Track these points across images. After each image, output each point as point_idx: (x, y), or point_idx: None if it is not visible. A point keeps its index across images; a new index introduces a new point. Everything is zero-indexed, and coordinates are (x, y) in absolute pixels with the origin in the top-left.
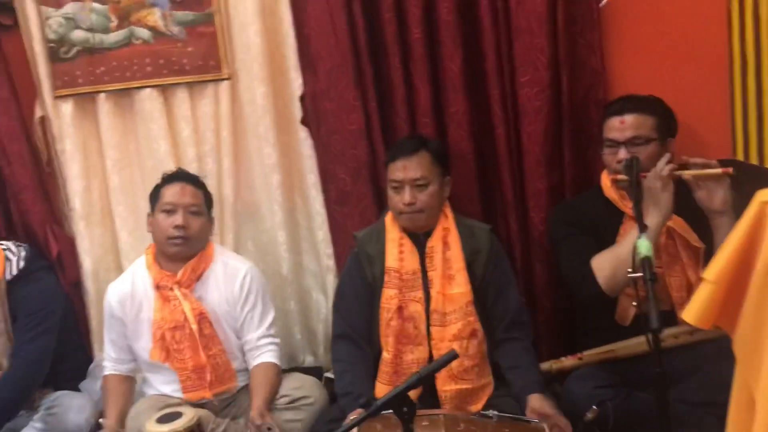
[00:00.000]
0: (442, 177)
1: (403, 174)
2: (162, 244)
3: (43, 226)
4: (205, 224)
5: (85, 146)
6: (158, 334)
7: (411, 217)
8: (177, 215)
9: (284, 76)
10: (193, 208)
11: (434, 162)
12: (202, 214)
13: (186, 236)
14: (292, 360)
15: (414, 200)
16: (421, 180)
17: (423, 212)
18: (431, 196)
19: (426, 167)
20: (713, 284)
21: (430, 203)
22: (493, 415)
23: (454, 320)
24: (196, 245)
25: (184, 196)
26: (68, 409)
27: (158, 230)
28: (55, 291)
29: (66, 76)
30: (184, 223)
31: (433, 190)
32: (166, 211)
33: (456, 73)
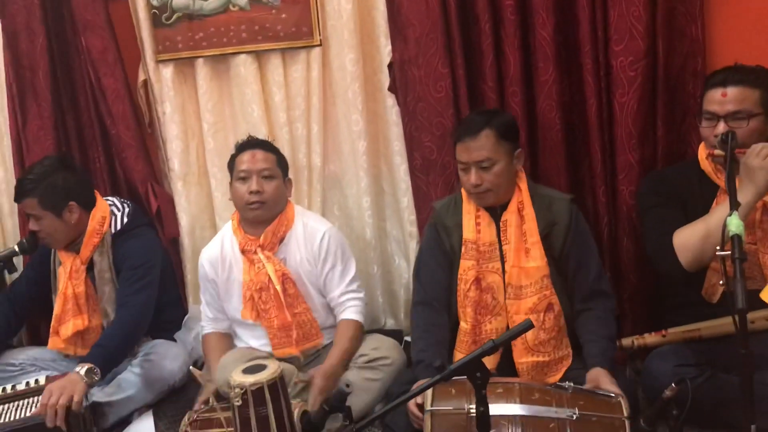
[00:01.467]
0: (510, 153)
1: (468, 156)
2: (242, 210)
3: (145, 183)
4: (280, 186)
5: (183, 109)
6: (247, 295)
7: (479, 197)
8: (251, 181)
9: (374, 43)
10: (266, 173)
11: (500, 139)
12: (276, 177)
13: (262, 200)
14: (374, 322)
15: (480, 181)
16: (486, 162)
17: (491, 191)
18: (498, 176)
19: (490, 147)
20: None
21: (498, 182)
22: (569, 386)
23: (530, 294)
24: (273, 208)
25: (255, 162)
26: (164, 356)
27: (237, 197)
28: (155, 246)
29: (167, 41)
30: (258, 188)
31: (500, 168)
32: (241, 179)
33: (547, 40)
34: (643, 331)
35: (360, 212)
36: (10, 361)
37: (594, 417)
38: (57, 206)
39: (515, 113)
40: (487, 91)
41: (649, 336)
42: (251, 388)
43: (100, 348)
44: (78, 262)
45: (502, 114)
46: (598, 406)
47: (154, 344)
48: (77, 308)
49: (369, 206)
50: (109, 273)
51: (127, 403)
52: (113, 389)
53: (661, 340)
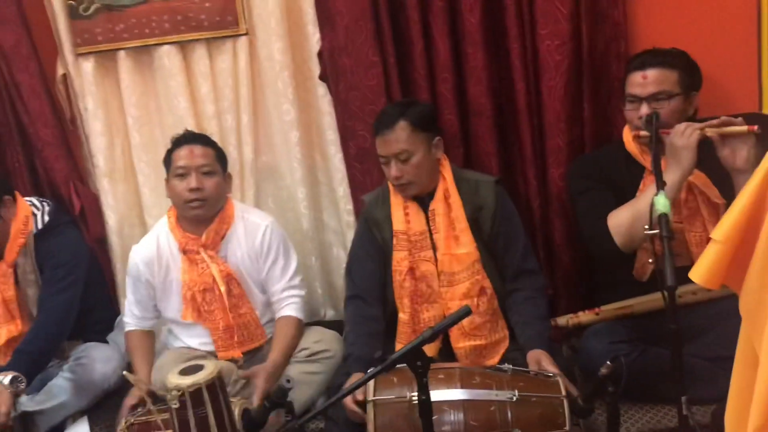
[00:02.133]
0: (428, 142)
1: (386, 149)
2: (181, 208)
3: (67, 182)
4: (220, 183)
5: (106, 104)
6: (188, 296)
7: (402, 189)
8: (190, 178)
9: (302, 32)
10: (205, 168)
11: (415, 130)
12: (216, 173)
13: (202, 198)
14: (314, 314)
15: (400, 174)
16: (403, 154)
17: (413, 183)
18: (417, 167)
19: (405, 139)
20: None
21: (418, 173)
22: (508, 368)
23: (463, 279)
24: (215, 205)
25: (194, 158)
26: (96, 360)
27: (175, 195)
28: (79, 245)
29: (86, 34)
30: (198, 185)
31: (418, 159)
32: (180, 175)
33: (475, 26)
34: (577, 310)
35: (295, 204)
36: None
37: (534, 397)
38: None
39: (446, 99)
40: (418, 78)
41: (583, 314)
42: (189, 390)
43: (21, 354)
44: (4, 266)
45: (417, 104)
46: (537, 386)
47: (85, 347)
48: (9, 314)
49: (304, 197)
50: (33, 274)
51: (59, 410)
52: (43, 397)
53: (595, 318)
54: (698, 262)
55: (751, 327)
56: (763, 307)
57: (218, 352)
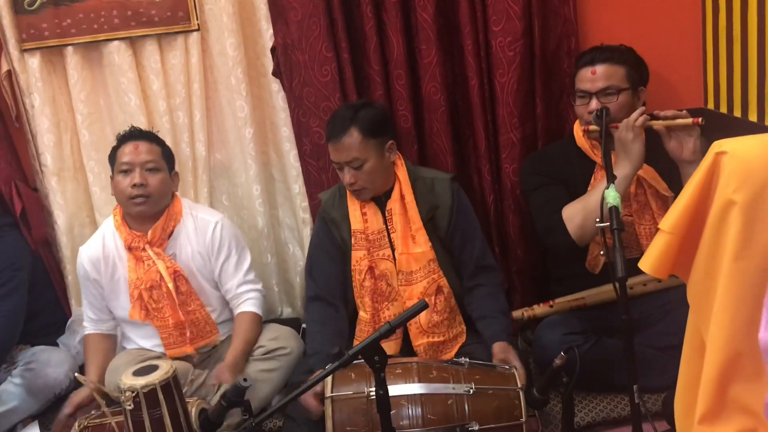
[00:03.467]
0: (380, 148)
1: (337, 156)
2: (125, 205)
3: (8, 183)
4: (165, 179)
5: (54, 101)
6: (135, 294)
7: (357, 194)
8: (134, 174)
9: (254, 27)
10: (150, 165)
11: (366, 137)
12: (161, 170)
13: (146, 194)
14: (271, 312)
15: (354, 180)
16: (355, 162)
17: (366, 188)
18: (370, 173)
19: (357, 147)
20: (669, 234)
21: (371, 179)
22: (465, 362)
23: (420, 278)
24: (159, 202)
25: (138, 154)
26: (47, 364)
27: (119, 191)
28: (20, 248)
29: (32, 29)
30: (142, 181)
31: (371, 166)
32: (123, 171)
33: (429, 23)
34: (531, 303)
35: (250, 201)
36: None
37: (490, 390)
38: None
39: (400, 96)
40: (373, 74)
41: (537, 307)
42: (143, 391)
43: None
44: None
45: (369, 109)
46: (494, 379)
47: (34, 351)
48: None
49: (259, 194)
50: None
51: (9, 415)
52: None
53: (549, 310)
54: (647, 252)
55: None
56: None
57: (167, 350)
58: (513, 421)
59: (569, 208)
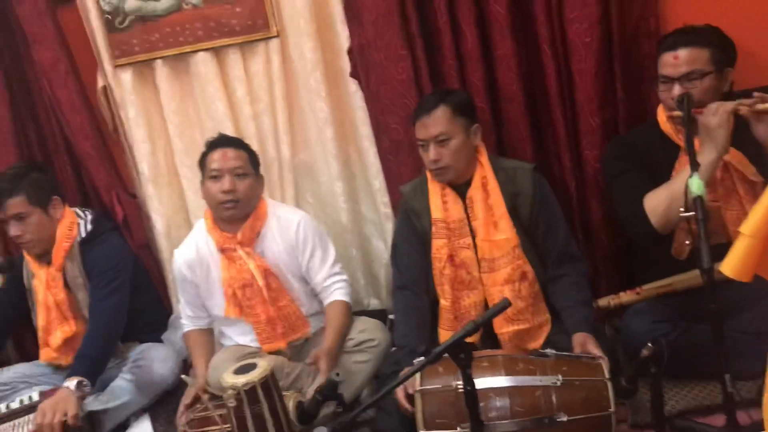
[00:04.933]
0: (466, 128)
1: (425, 132)
2: (216, 210)
3: (109, 191)
4: (253, 184)
5: (147, 112)
6: (229, 292)
7: (439, 173)
8: (224, 180)
9: (331, 29)
10: (238, 171)
11: (455, 115)
12: (249, 175)
13: (235, 199)
14: (357, 304)
15: (439, 157)
16: (442, 136)
17: (450, 167)
18: (456, 151)
19: (445, 122)
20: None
21: (456, 158)
22: (551, 353)
23: (503, 265)
24: (247, 206)
25: (227, 161)
26: (153, 360)
27: (209, 196)
28: (122, 250)
29: (123, 45)
30: (231, 187)
31: (456, 143)
32: (213, 177)
33: (502, 14)
34: (617, 290)
35: (333, 198)
36: (1, 381)
37: (577, 381)
38: (43, 201)
39: (476, 88)
40: (448, 68)
41: (624, 294)
42: (244, 389)
43: (82, 359)
44: (53, 270)
45: (457, 92)
46: (581, 370)
47: (142, 348)
48: (62, 316)
49: (342, 191)
50: (81, 278)
51: (122, 409)
52: (107, 397)
53: (636, 297)
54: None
55: None
56: None
57: (262, 345)
58: (601, 412)
59: (652, 197)
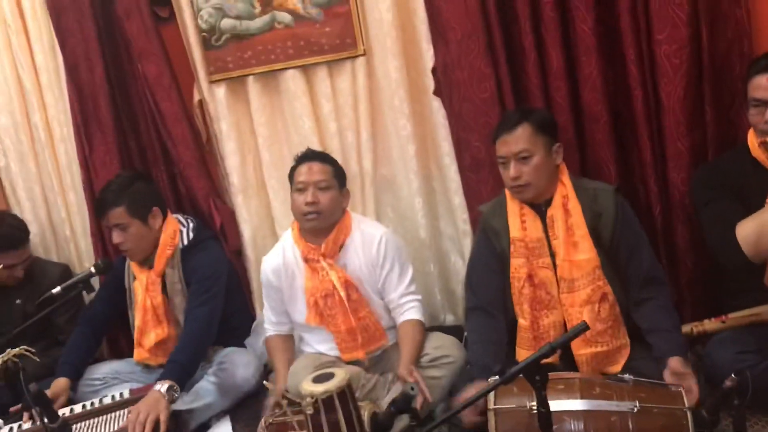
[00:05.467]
0: (548, 146)
1: (506, 149)
2: (300, 220)
3: (207, 199)
4: (336, 197)
5: (238, 126)
6: (311, 301)
7: (519, 191)
8: (308, 192)
9: (416, 48)
10: (322, 184)
11: (537, 132)
12: (332, 188)
13: (317, 211)
14: (434, 319)
15: (519, 174)
16: (523, 153)
17: (530, 185)
18: (536, 169)
19: (527, 139)
20: None
21: (536, 175)
22: (629, 379)
23: (583, 286)
24: (329, 218)
25: (312, 174)
26: (237, 365)
27: (295, 208)
28: (220, 259)
29: (218, 62)
30: (313, 199)
31: (537, 161)
32: (299, 190)
33: (588, 34)
34: (701, 317)
35: (413, 213)
36: (95, 376)
37: (655, 409)
38: (143, 212)
39: (560, 108)
40: (532, 88)
41: (708, 322)
42: (321, 397)
43: (174, 363)
44: (153, 275)
45: (539, 110)
46: (659, 397)
47: (226, 352)
48: (157, 319)
49: (421, 207)
50: (179, 284)
51: (205, 410)
52: (192, 398)
53: (721, 326)
54: None
55: None
56: None
57: (342, 354)
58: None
59: (744, 226)
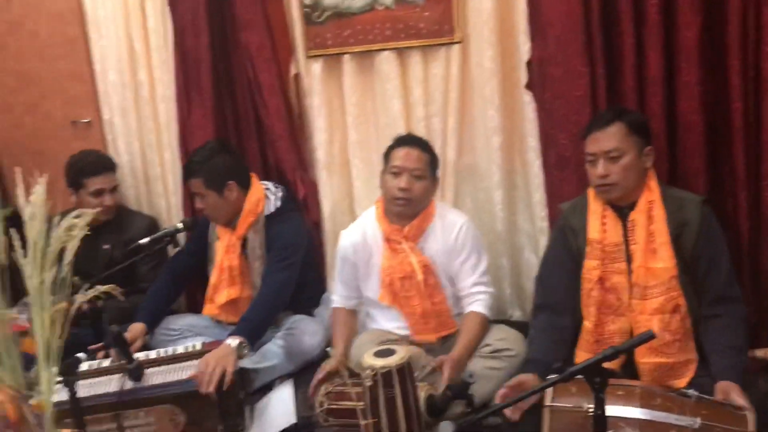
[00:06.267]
0: (639, 148)
1: (596, 146)
2: (388, 202)
3: (293, 172)
4: (428, 186)
5: (330, 102)
6: (387, 281)
7: (605, 190)
8: (402, 178)
9: (513, 41)
10: (417, 172)
11: (629, 133)
12: (425, 178)
13: (408, 198)
14: (501, 313)
15: (607, 173)
16: (613, 152)
17: (616, 185)
18: (625, 169)
19: (619, 138)
20: None
21: (624, 176)
22: (693, 395)
23: (656, 294)
24: (417, 206)
25: (409, 161)
26: (304, 332)
27: (386, 189)
28: (302, 230)
29: (317, 38)
30: (407, 186)
31: (627, 161)
32: (393, 173)
33: (692, 41)
34: None
35: (491, 205)
36: (171, 327)
37: (717, 428)
38: (218, 185)
39: (654, 113)
40: (627, 90)
41: None
42: (381, 371)
43: (247, 322)
44: (234, 239)
45: (634, 111)
46: (723, 417)
47: (296, 319)
48: (231, 279)
49: (501, 200)
50: (260, 250)
51: (270, 371)
52: (259, 358)
53: None
54: None
55: None
56: None
57: (415, 336)
58: None
59: None
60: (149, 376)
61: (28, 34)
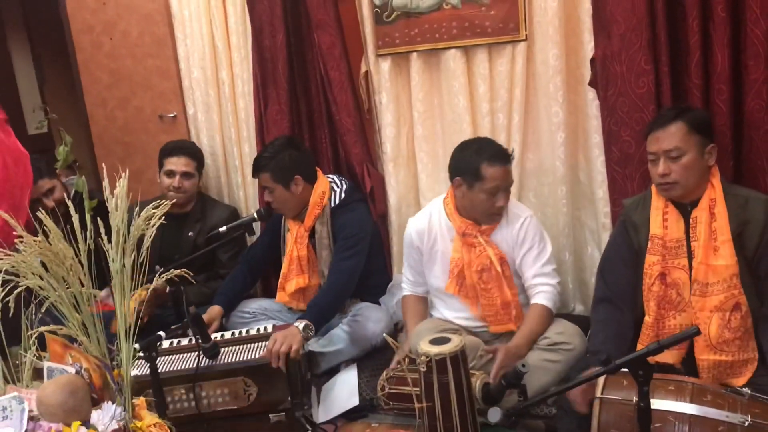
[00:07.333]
0: (701, 146)
1: (657, 145)
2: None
3: (361, 164)
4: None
5: (398, 99)
6: (456, 272)
7: (666, 189)
8: (499, 196)
9: (577, 38)
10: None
11: (691, 131)
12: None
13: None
14: (564, 306)
15: (668, 171)
16: (674, 151)
17: (677, 184)
18: (686, 168)
19: (680, 138)
20: None
21: (685, 174)
22: (746, 393)
23: (717, 291)
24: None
25: (507, 180)
26: (369, 319)
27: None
28: (367, 220)
29: (386, 37)
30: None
31: (688, 160)
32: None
33: (760, 38)
34: None
35: (555, 200)
36: (246, 309)
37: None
38: (285, 179)
39: (720, 111)
40: (692, 88)
41: None
42: (435, 358)
43: (315, 306)
44: (302, 230)
45: (696, 109)
46: None
47: (362, 306)
48: (300, 269)
49: (564, 195)
50: (327, 240)
51: (336, 355)
52: (326, 342)
53: None
54: None
55: None
56: None
57: (493, 326)
58: None
59: None
60: (223, 354)
61: (121, 34)
